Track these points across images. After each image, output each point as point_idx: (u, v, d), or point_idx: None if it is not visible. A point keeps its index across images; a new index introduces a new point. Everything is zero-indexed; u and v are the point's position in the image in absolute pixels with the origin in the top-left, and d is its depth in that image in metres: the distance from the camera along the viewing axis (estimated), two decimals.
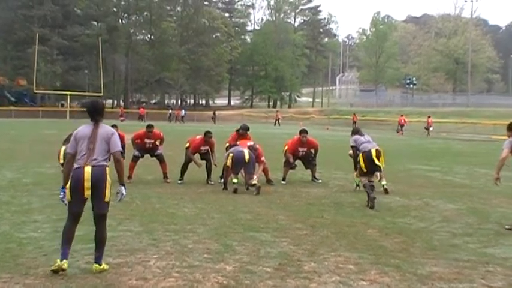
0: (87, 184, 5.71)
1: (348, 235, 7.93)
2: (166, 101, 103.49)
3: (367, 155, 11.11)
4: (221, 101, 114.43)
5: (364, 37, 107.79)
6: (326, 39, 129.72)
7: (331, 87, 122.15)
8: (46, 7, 75.29)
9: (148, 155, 14.03)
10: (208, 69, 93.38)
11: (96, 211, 5.90)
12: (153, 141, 13.76)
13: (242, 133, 13.70)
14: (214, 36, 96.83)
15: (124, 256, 6.38)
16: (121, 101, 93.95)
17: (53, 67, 75.45)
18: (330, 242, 7.46)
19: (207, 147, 13.54)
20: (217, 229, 8.12)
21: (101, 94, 69.84)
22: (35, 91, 68.38)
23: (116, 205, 6.13)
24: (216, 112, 71.45)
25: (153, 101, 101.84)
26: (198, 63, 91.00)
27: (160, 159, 13.70)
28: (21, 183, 12.55)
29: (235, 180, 12.22)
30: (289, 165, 13.93)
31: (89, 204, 5.93)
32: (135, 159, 13.68)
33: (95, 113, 5.96)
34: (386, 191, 12.05)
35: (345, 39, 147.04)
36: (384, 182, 12.25)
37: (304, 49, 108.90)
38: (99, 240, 5.95)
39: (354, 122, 56.63)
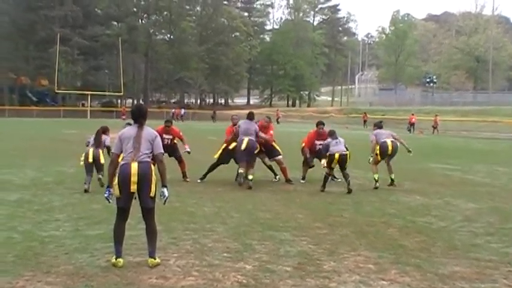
0: (134, 178, 5.98)
1: (367, 234, 7.88)
2: (185, 101, 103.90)
3: (384, 146, 12.77)
4: (240, 100, 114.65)
5: (384, 35, 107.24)
6: (345, 38, 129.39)
7: (350, 86, 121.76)
8: (67, 7, 75.99)
9: (166, 154, 14.02)
10: (227, 68, 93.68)
11: (143, 206, 6.15)
12: (171, 137, 13.70)
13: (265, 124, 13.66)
14: (233, 35, 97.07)
15: (144, 255, 6.40)
16: (141, 100, 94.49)
17: (73, 67, 76.10)
18: (350, 241, 7.42)
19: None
20: (237, 228, 8.12)
21: (121, 93, 70.41)
22: (57, 91, 69.05)
23: (134, 204, 6.15)
24: (233, 111, 71.35)
25: (173, 100, 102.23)
26: (217, 63, 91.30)
27: (179, 159, 13.72)
28: (43, 182, 12.67)
29: (250, 177, 12.27)
30: (308, 164, 13.86)
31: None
32: None
33: (140, 116, 6.27)
34: (392, 183, 12.98)
35: (364, 38, 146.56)
36: (393, 176, 13.04)
37: (323, 48, 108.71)
38: (151, 235, 6.21)
39: (365, 121, 56.80)
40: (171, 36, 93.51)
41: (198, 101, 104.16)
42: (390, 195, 11.71)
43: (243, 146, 12.44)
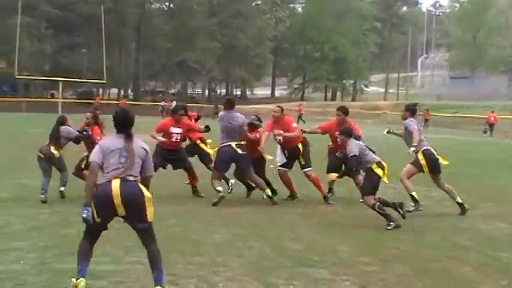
0: (117, 201, 6.29)
1: (431, 273, 7.86)
2: (189, 91, 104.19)
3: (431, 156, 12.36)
4: (262, 92, 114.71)
5: (457, 5, 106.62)
6: (404, 8, 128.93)
7: (410, 73, 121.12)
8: None
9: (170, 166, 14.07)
10: (246, 48, 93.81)
11: (138, 227, 6.52)
12: (180, 131, 13.64)
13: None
14: (253, 4, 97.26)
15: None
16: (129, 91, 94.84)
17: (40, 45, 76.79)
18: (408, 282, 7.41)
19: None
20: (257, 263, 8.15)
21: (104, 81, 70.63)
22: (17, 76, 69.40)
23: (122, 229, 6.23)
24: (252, 106, 71.51)
25: (172, 91, 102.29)
26: (232, 41, 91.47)
27: (189, 170, 13.77)
28: None
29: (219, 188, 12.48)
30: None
31: None
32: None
33: (127, 125, 6.55)
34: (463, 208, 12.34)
35: (431, 9, 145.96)
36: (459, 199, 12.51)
37: (374, 22, 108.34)
38: (155, 261, 6.49)
39: (426, 120, 56.98)
40: (171, 5, 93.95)
41: (207, 92, 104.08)
42: (462, 222, 11.64)
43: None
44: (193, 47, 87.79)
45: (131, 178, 6.39)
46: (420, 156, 12.32)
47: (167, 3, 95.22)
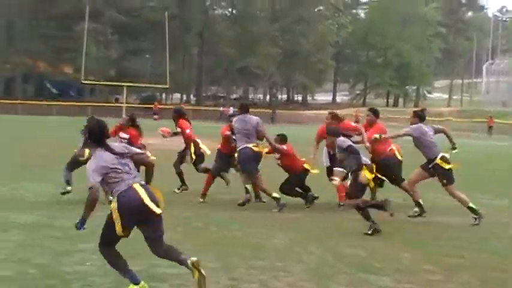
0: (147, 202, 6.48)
1: (497, 283, 7.72)
2: (250, 96, 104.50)
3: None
4: (324, 98, 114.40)
5: None
6: (470, 14, 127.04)
7: (475, 80, 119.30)
8: None
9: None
10: (308, 54, 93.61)
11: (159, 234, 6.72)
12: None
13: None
14: (316, 9, 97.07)
15: None
16: (192, 96, 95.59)
17: (106, 51, 77.87)
18: None
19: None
20: (318, 269, 8.10)
21: (167, 86, 71.32)
22: (83, 81, 70.60)
23: (185, 232, 6.25)
24: (313, 112, 71.30)
25: (234, 96, 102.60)
26: (294, 47, 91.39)
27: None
28: (64, 200, 13.01)
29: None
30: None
31: None
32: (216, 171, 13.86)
33: (103, 135, 6.76)
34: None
35: (497, 14, 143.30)
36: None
37: (438, 27, 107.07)
38: (170, 250, 6.80)
39: (490, 127, 56.11)
40: (234, 11, 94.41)
41: (268, 98, 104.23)
42: None
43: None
44: (255, 53, 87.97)
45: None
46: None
47: (230, 9, 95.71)
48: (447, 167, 11.73)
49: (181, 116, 14.55)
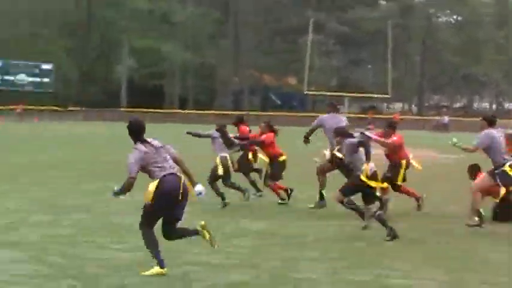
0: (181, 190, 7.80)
1: None
2: (475, 105, 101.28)
3: None
4: None
5: None
6: None
7: None
8: None
9: None
10: None
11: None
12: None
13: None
14: None
15: None
16: (413, 105, 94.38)
17: (328, 61, 78.81)
18: None
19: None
20: None
21: (388, 95, 70.91)
22: (306, 92, 71.85)
23: (411, 245, 6.26)
24: None
25: (457, 105, 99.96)
26: None
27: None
28: (289, 209, 13.38)
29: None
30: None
31: None
32: None
33: (141, 132, 7.99)
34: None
35: None
36: None
37: None
38: (180, 232, 8.08)
39: None
40: (459, 18, 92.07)
41: (494, 106, 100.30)
42: None
43: None
44: (480, 60, 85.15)
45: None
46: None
47: (454, 16, 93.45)
48: None
49: (242, 122, 14.88)
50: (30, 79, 74.23)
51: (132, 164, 7.65)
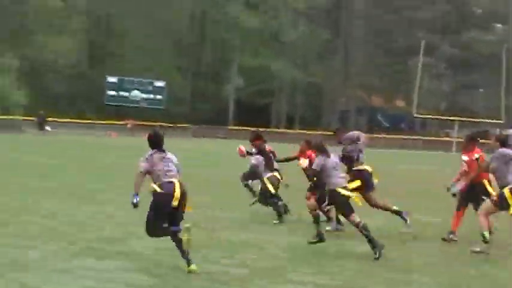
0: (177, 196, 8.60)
1: None
2: None
3: None
4: None
5: None
6: None
7: None
8: (438, 7, 77.88)
9: None
10: None
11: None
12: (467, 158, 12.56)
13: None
14: None
15: None
16: None
17: (438, 84, 77.58)
18: None
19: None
20: None
21: (501, 121, 69.08)
22: (415, 115, 70.95)
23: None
24: None
25: None
26: None
27: None
28: (390, 235, 13.20)
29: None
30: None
31: None
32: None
33: (159, 142, 8.95)
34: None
35: None
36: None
37: None
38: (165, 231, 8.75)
39: None
40: None
41: None
42: None
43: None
44: None
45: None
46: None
47: None
48: None
49: (259, 138, 14.89)
50: (144, 95, 76.31)
51: (144, 163, 8.66)
